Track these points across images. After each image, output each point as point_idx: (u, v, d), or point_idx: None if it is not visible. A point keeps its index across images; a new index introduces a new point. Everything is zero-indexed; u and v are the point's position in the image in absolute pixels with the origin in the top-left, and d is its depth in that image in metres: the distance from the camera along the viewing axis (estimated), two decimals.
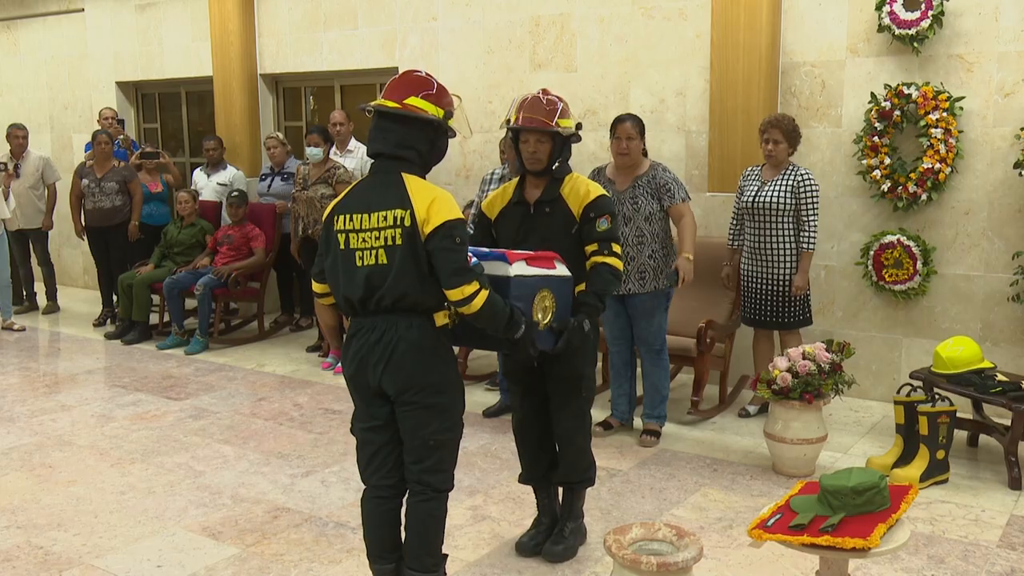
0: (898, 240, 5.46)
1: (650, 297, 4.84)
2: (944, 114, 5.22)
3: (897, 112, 5.34)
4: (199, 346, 7.06)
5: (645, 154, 4.93)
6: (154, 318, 7.63)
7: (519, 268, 3.09)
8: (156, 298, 7.49)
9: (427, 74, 3.00)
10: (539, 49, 6.74)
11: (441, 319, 2.92)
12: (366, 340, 2.90)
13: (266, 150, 7.56)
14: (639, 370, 5.17)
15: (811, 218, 5.09)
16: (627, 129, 4.79)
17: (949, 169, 5.27)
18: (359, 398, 3.01)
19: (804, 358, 4.49)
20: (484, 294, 2.84)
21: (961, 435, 4.83)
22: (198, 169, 8.14)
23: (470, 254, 2.91)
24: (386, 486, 3.05)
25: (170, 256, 7.55)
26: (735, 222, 5.42)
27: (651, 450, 4.88)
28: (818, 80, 5.71)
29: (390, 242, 2.82)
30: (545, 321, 3.19)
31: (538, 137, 3.45)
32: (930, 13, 5.19)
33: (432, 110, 2.92)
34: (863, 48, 5.55)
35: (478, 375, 6.25)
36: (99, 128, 8.13)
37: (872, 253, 5.56)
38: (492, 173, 5.44)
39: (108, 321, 7.98)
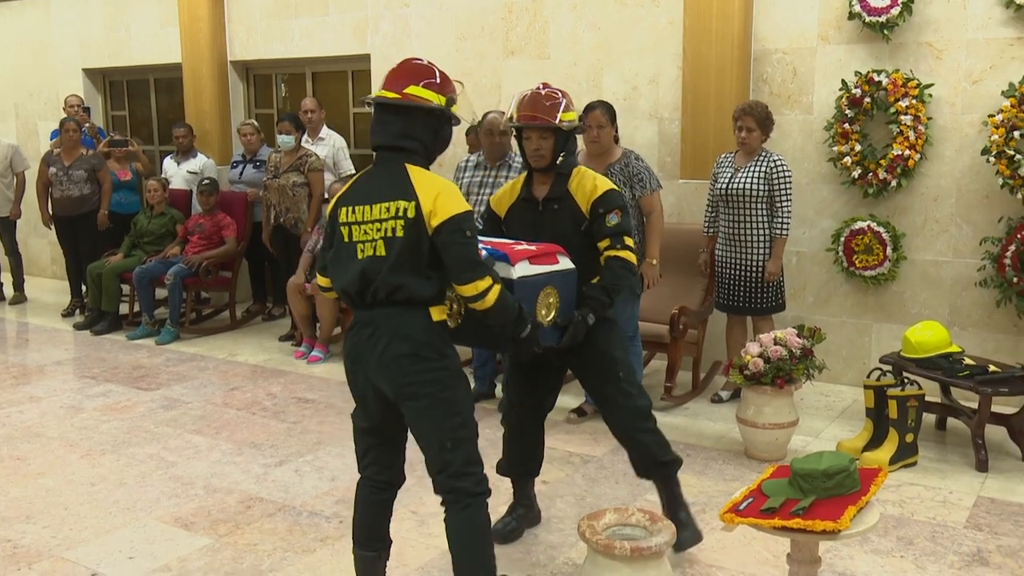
0: (868, 226, 5.51)
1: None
2: (914, 101, 5.26)
3: (867, 99, 5.38)
4: (170, 336, 7.00)
5: (617, 141, 4.94)
6: (124, 308, 7.54)
7: (522, 269, 3.02)
8: (126, 288, 7.41)
9: (428, 62, 2.91)
10: (512, 36, 6.72)
11: (438, 314, 2.80)
12: (362, 335, 2.81)
13: (240, 137, 7.49)
14: None
15: (784, 204, 5.12)
16: (597, 117, 4.79)
17: (918, 156, 5.32)
18: (356, 394, 2.92)
19: (776, 344, 4.52)
20: (496, 289, 2.75)
21: (929, 418, 4.90)
22: (168, 157, 8.05)
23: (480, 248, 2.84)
24: (380, 480, 3.00)
25: (140, 245, 7.47)
26: (710, 209, 5.44)
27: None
28: (789, 67, 5.74)
29: (389, 233, 2.73)
30: (549, 318, 3.11)
31: (540, 134, 3.35)
32: (900, 1, 5.23)
33: (434, 98, 2.82)
34: (834, 35, 5.58)
35: None
36: (66, 116, 8.01)
37: (843, 239, 5.61)
38: (467, 160, 5.42)
39: (77, 311, 7.89)
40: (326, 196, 6.74)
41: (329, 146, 7.16)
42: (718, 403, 5.46)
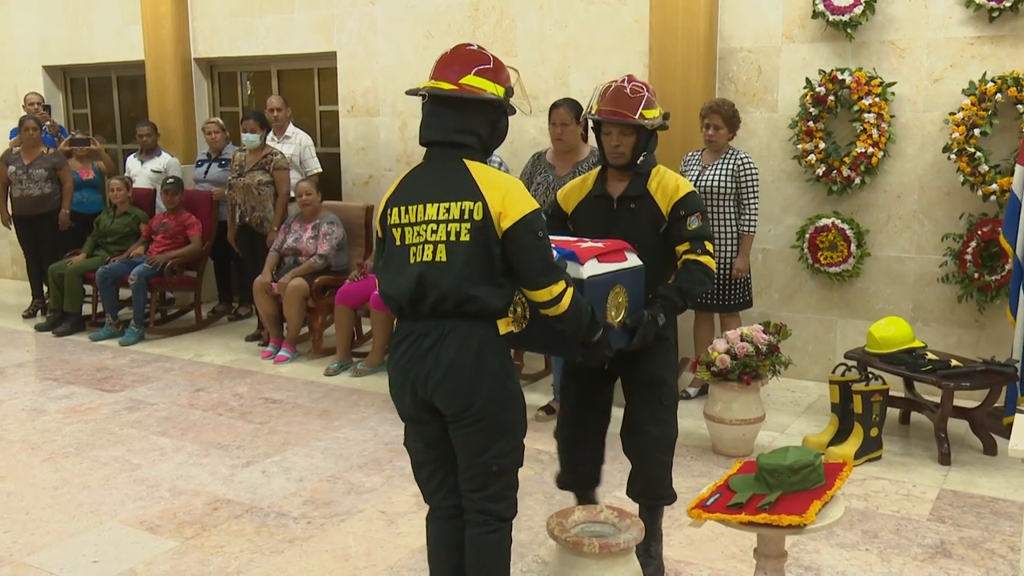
0: (833, 223, 5.57)
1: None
2: (877, 99, 5.32)
3: (831, 97, 5.43)
4: (134, 337, 6.91)
5: (585, 139, 4.95)
6: (87, 309, 7.44)
7: (592, 268, 2.83)
8: (89, 288, 7.30)
9: (479, 47, 2.69)
10: (479, 34, 6.71)
11: (504, 326, 2.60)
12: (417, 348, 2.56)
13: (205, 135, 7.40)
14: None
15: (752, 202, 5.16)
16: (562, 115, 4.80)
17: (881, 153, 5.38)
18: (406, 414, 2.69)
19: (742, 340, 4.56)
20: (571, 292, 2.56)
21: (894, 413, 4.96)
22: (131, 156, 7.94)
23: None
24: (450, 507, 2.73)
25: (103, 245, 7.36)
26: None
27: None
28: (754, 66, 5.78)
29: (453, 237, 2.50)
30: (619, 319, 2.93)
31: (621, 130, 3.13)
32: (863, 0, 5.29)
33: (491, 88, 2.60)
34: (798, 34, 5.63)
35: None
36: (25, 114, 7.88)
37: (808, 236, 5.66)
38: None
39: (38, 312, 7.76)
40: (292, 195, 6.69)
41: (295, 144, 7.10)
42: (686, 399, 5.48)
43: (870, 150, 5.36)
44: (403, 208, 2.59)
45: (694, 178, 5.23)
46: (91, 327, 7.28)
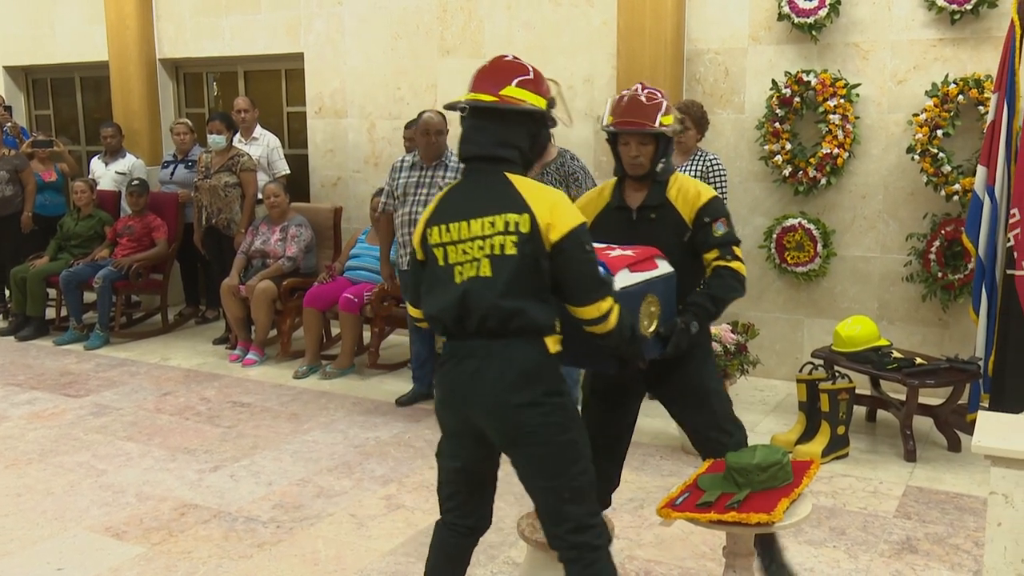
0: (799, 223, 5.62)
1: None
2: (841, 101, 5.38)
3: (797, 99, 5.49)
4: (99, 341, 6.82)
5: (550, 140, 4.94)
6: (50, 313, 7.33)
7: (624, 278, 2.70)
8: (52, 292, 7.20)
9: (515, 57, 2.63)
10: (447, 35, 6.70)
11: (553, 344, 2.46)
12: (462, 369, 2.46)
13: (174, 136, 7.32)
14: None
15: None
16: None
17: (847, 154, 5.44)
18: (449, 435, 2.60)
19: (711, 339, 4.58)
20: (617, 309, 2.46)
21: (860, 410, 5.02)
22: (95, 158, 7.83)
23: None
24: (464, 525, 2.67)
25: (67, 248, 7.26)
26: None
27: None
28: (721, 67, 5.82)
29: (498, 251, 2.40)
30: (651, 328, 2.83)
31: (640, 140, 3.03)
32: (827, 2, 5.34)
33: (532, 99, 2.52)
34: (764, 36, 5.68)
35: (390, 363, 6.20)
36: None
37: (775, 236, 5.71)
38: (402, 160, 5.39)
39: (0, 317, 7.64)
40: (259, 196, 6.64)
41: (263, 146, 7.05)
42: (655, 399, 5.50)
43: (835, 151, 5.42)
44: (444, 227, 2.48)
45: None
46: (55, 331, 7.17)
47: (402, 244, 5.24)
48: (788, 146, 5.55)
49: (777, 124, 5.57)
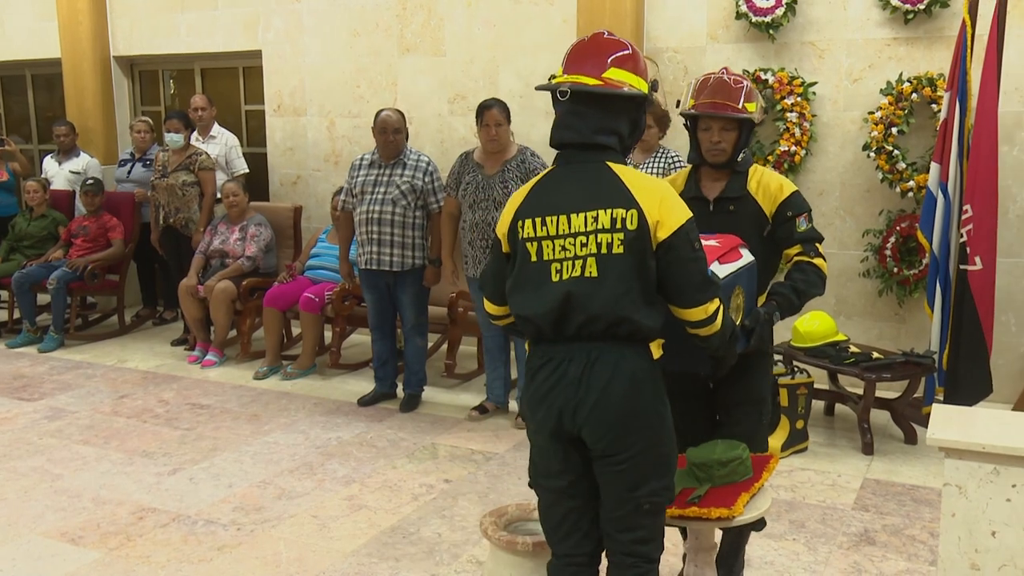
0: None
1: None
2: (799, 99, 5.44)
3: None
4: (54, 343, 6.69)
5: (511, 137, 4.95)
6: (2, 315, 7.19)
7: (715, 270, 2.53)
8: (4, 294, 7.05)
9: (611, 33, 2.43)
10: (407, 32, 6.67)
11: (656, 349, 2.33)
12: (561, 375, 2.29)
13: (133, 134, 7.20)
14: (513, 353, 5.21)
15: None
16: (495, 116, 4.80)
17: (804, 152, 5.51)
18: (546, 447, 2.39)
19: None
20: (722, 309, 2.34)
21: (819, 405, 5.08)
22: (48, 157, 7.68)
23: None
24: (582, 555, 2.44)
25: (19, 249, 7.11)
26: None
27: (526, 432, 4.92)
28: (681, 66, 5.86)
29: (604, 250, 2.24)
30: (738, 321, 2.67)
31: (723, 124, 2.89)
32: (784, 1, 5.39)
33: (635, 82, 2.33)
34: (722, 35, 5.73)
35: (352, 363, 6.16)
36: None
37: None
38: (362, 159, 5.35)
39: None
40: (218, 196, 6.56)
41: (221, 145, 6.97)
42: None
43: (793, 148, 5.48)
44: (539, 220, 2.30)
45: None
46: (7, 334, 7.02)
47: (362, 243, 5.20)
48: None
49: None
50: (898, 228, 5.32)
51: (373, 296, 5.30)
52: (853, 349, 4.82)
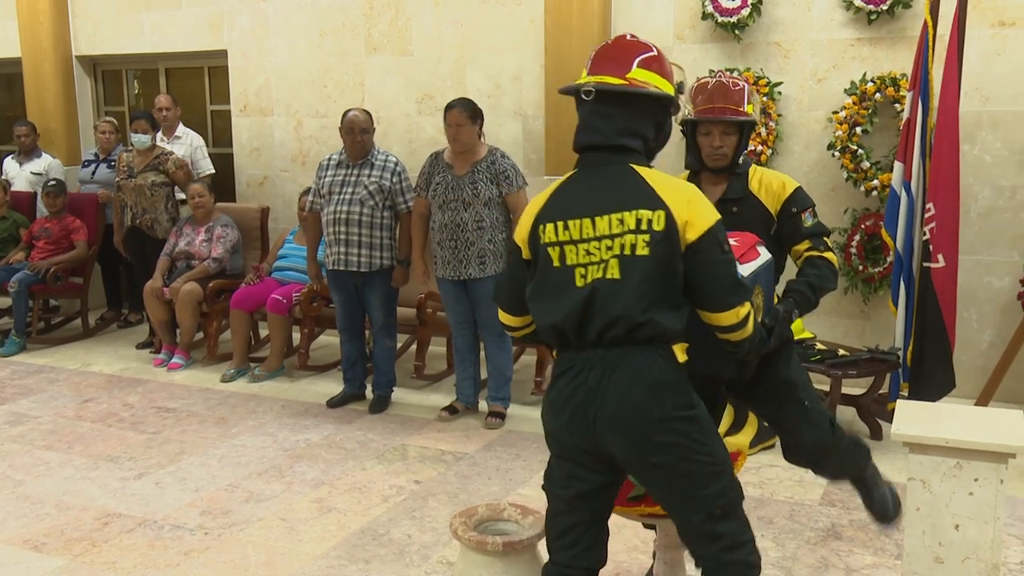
0: None
1: (492, 281, 4.86)
2: (764, 99, 5.48)
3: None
4: (15, 347, 6.58)
5: (481, 138, 4.94)
6: None
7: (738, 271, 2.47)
8: None
9: (634, 36, 2.41)
10: (374, 32, 6.64)
11: (680, 352, 2.26)
12: (581, 383, 2.22)
13: (98, 134, 7.10)
14: (483, 354, 5.20)
15: None
16: (456, 116, 4.79)
17: (770, 151, 5.55)
18: (564, 457, 2.34)
19: None
20: (752, 312, 2.28)
21: None
22: (8, 158, 7.55)
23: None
24: (581, 568, 2.39)
25: None
26: None
27: (497, 432, 4.92)
28: None
29: (628, 251, 2.17)
30: (759, 320, 2.57)
31: (724, 129, 2.87)
32: (749, 2, 5.44)
33: (660, 83, 2.30)
34: (689, 35, 5.76)
35: (320, 365, 6.13)
36: None
37: None
38: (329, 159, 5.31)
39: None
40: (183, 197, 6.49)
41: (186, 145, 6.89)
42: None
43: (759, 148, 5.52)
44: (561, 224, 2.24)
45: None
46: None
47: (329, 243, 5.17)
48: None
49: None
50: (863, 226, 5.38)
51: (341, 297, 5.27)
52: (819, 346, 4.87)
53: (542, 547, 2.90)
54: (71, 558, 3.54)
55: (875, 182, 5.25)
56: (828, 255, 2.91)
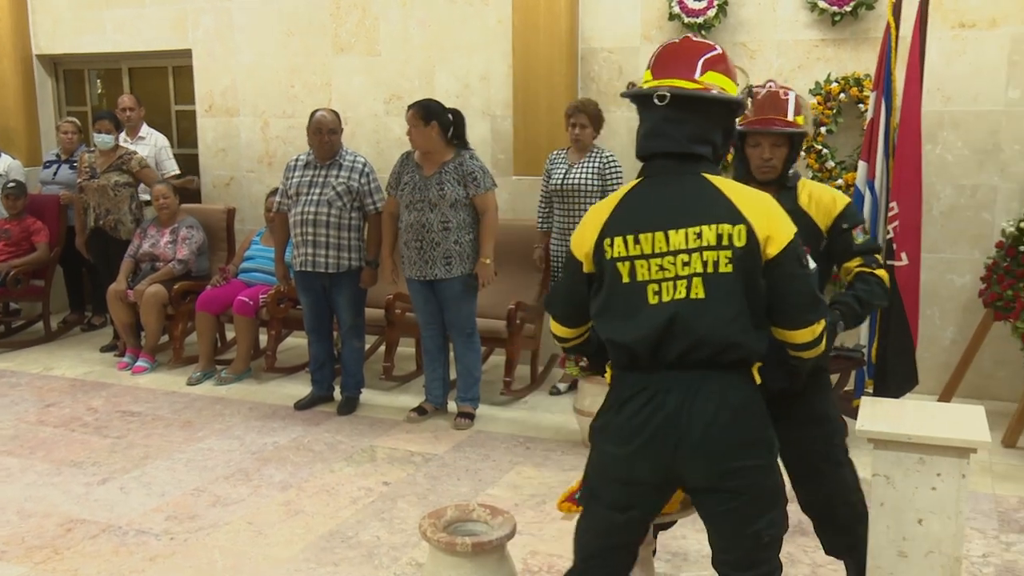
0: None
1: (458, 282, 4.85)
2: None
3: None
4: None
5: (451, 141, 4.91)
6: None
7: None
8: None
9: (695, 36, 2.34)
10: (341, 32, 6.60)
11: (758, 375, 2.18)
12: (658, 407, 2.11)
13: (60, 134, 6.99)
14: (452, 354, 5.19)
15: None
16: (409, 117, 4.82)
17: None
18: (625, 482, 2.20)
19: None
20: (825, 328, 2.20)
21: None
22: None
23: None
24: None
25: None
26: (543, 205, 5.53)
27: (466, 432, 4.91)
28: (615, 66, 5.90)
29: (710, 269, 2.07)
30: None
31: (774, 140, 2.78)
32: (715, 2, 5.48)
33: (727, 86, 2.20)
34: (656, 35, 5.78)
35: (288, 367, 6.08)
36: None
37: None
38: (296, 160, 5.28)
39: None
40: (148, 198, 6.40)
41: (150, 145, 6.81)
42: (556, 395, 5.55)
43: None
44: (631, 237, 2.13)
45: (561, 176, 5.29)
46: None
47: (297, 244, 5.13)
48: None
49: None
50: None
51: (309, 298, 5.23)
52: None
53: (511, 547, 2.90)
54: (32, 566, 3.48)
55: (840, 181, 5.30)
56: (880, 272, 2.82)
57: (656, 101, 2.14)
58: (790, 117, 2.80)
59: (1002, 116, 5.14)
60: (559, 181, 5.30)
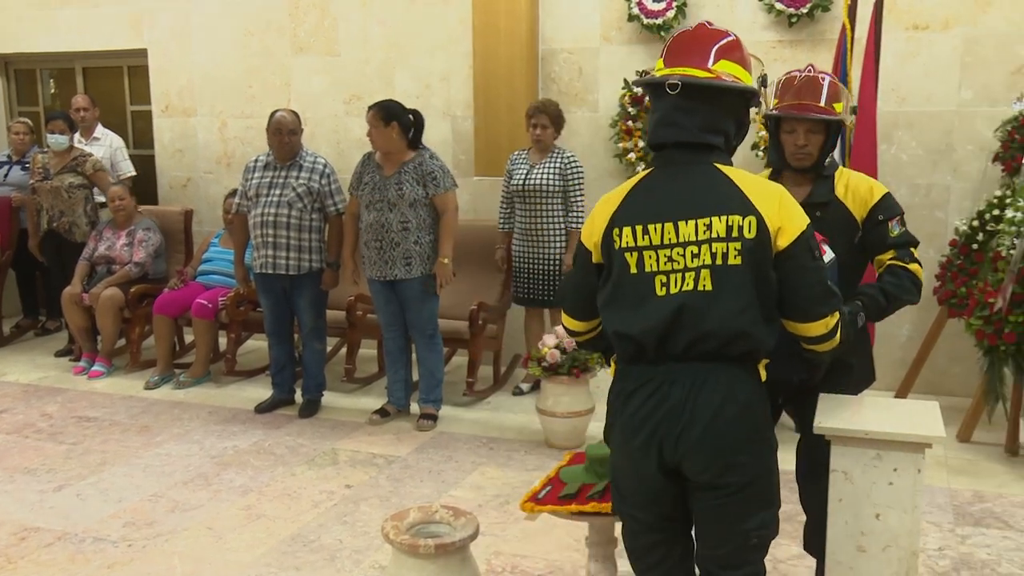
0: None
1: (419, 283, 4.84)
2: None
3: (648, 97, 5.63)
4: None
5: (415, 144, 4.89)
6: None
7: None
8: None
9: (710, 22, 2.28)
10: (300, 32, 6.55)
11: (763, 370, 2.15)
12: (662, 399, 2.08)
13: (11, 135, 6.85)
14: (414, 355, 5.17)
15: (578, 198, 5.29)
16: (369, 117, 4.81)
17: None
18: (640, 476, 2.17)
19: None
20: (839, 321, 2.16)
21: None
22: None
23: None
24: None
25: None
26: (505, 206, 5.53)
27: (428, 434, 4.90)
28: (575, 66, 5.92)
29: (719, 260, 2.04)
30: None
31: (809, 127, 2.73)
32: (674, 4, 5.52)
33: (742, 75, 2.16)
34: (615, 36, 5.81)
35: (248, 370, 6.02)
36: None
37: None
38: (255, 160, 5.22)
39: None
40: (103, 200, 6.30)
41: (105, 146, 6.71)
42: (519, 395, 5.56)
43: None
44: (640, 227, 2.10)
45: (522, 177, 5.30)
46: None
47: (257, 246, 5.08)
48: (640, 143, 5.70)
49: (629, 122, 5.72)
50: None
51: (269, 300, 5.18)
52: None
53: (474, 548, 2.89)
54: None
55: None
56: (913, 267, 2.75)
57: (667, 90, 2.12)
58: (826, 103, 2.75)
59: (955, 116, 5.23)
60: (520, 181, 5.31)
